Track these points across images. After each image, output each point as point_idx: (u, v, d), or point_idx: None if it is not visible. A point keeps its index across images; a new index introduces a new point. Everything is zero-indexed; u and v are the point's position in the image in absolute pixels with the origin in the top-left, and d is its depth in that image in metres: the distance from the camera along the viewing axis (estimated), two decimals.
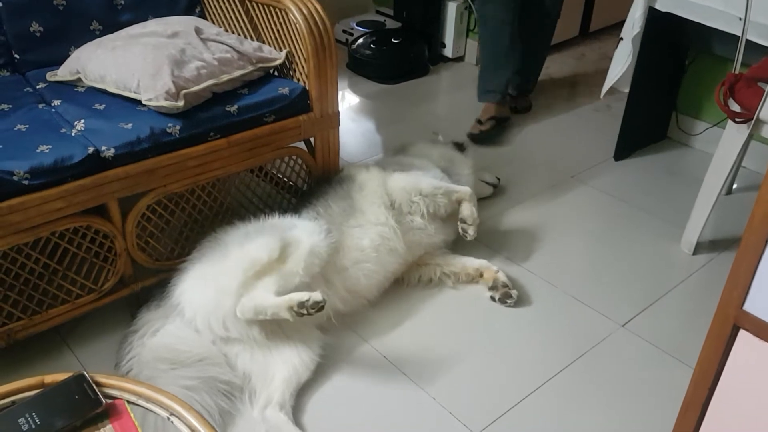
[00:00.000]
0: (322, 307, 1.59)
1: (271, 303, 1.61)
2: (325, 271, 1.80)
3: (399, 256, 1.98)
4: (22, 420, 0.98)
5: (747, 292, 0.93)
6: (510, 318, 1.98)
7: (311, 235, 1.75)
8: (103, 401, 1.03)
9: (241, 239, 1.73)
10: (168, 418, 1.03)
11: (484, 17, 2.81)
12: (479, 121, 2.86)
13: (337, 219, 1.91)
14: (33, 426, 0.97)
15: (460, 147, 2.44)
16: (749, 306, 0.93)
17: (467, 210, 2.05)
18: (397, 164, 2.13)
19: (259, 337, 1.69)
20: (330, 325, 1.84)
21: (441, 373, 1.78)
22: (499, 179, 2.52)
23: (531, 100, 3.23)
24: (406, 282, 2.08)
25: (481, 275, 2.07)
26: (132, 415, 1.03)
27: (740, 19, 2.01)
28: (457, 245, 2.14)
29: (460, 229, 2.06)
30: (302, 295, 1.58)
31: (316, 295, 1.58)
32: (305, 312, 1.58)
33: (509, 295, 2.00)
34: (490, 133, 2.85)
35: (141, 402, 1.05)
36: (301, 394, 1.70)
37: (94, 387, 1.04)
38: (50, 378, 1.06)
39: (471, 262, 2.08)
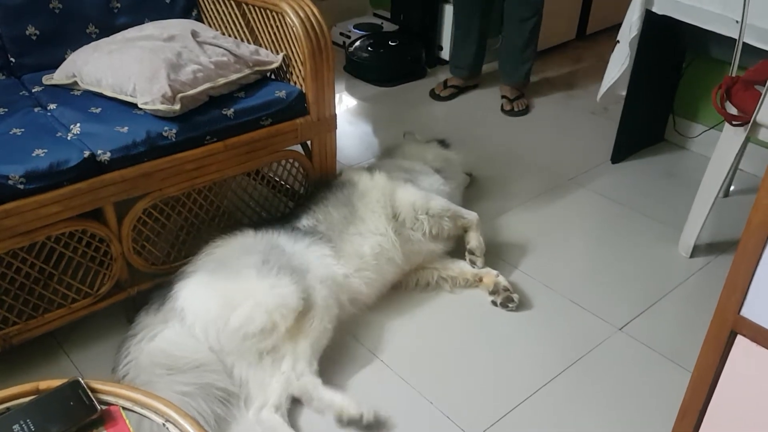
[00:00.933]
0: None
1: (320, 398, 1.62)
2: None
3: (397, 266, 1.98)
4: (16, 426, 0.98)
5: (744, 298, 0.92)
6: (507, 321, 1.97)
7: (325, 283, 1.76)
8: (98, 408, 1.02)
9: (257, 263, 1.70)
10: (163, 425, 1.03)
11: (456, 5, 3.23)
12: (444, 84, 3.34)
13: (337, 226, 1.90)
14: None
15: (444, 144, 2.45)
16: (747, 311, 0.93)
17: (475, 241, 2.05)
18: (398, 170, 2.11)
19: (253, 356, 1.68)
20: None
21: (438, 376, 1.78)
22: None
23: (528, 102, 3.24)
24: (404, 285, 2.07)
25: (481, 280, 2.06)
26: (127, 421, 1.03)
27: (737, 22, 2.01)
28: (456, 250, 2.13)
29: (468, 261, 2.07)
30: (355, 412, 1.58)
31: (369, 416, 1.59)
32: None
33: (511, 299, 2.00)
34: (448, 98, 3.32)
35: (136, 408, 1.05)
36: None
37: (89, 393, 1.03)
38: (45, 384, 1.06)
39: (469, 267, 2.08)
